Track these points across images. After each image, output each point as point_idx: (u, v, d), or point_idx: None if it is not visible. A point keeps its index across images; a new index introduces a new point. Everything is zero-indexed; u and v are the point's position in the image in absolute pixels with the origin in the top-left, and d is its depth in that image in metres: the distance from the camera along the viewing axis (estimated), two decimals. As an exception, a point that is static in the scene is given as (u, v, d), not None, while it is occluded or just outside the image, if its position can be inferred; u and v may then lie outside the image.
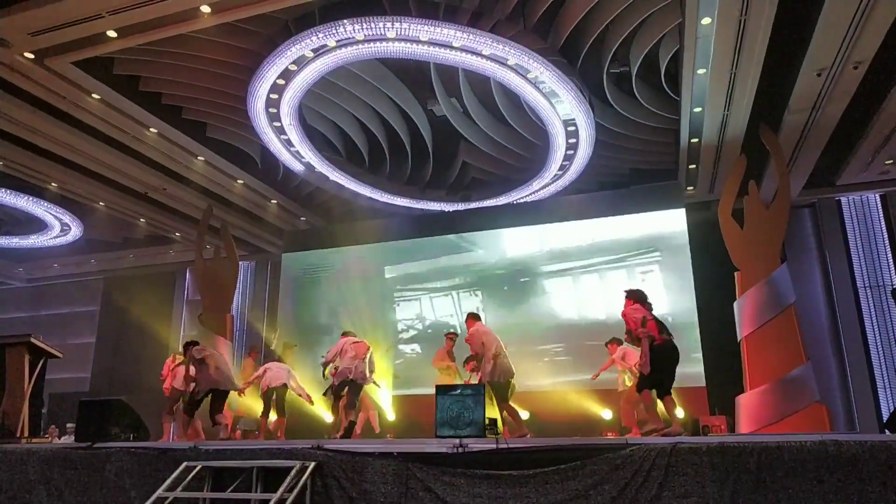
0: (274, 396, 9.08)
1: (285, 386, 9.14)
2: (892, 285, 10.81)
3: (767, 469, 3.89)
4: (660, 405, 6.14)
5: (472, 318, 7.64)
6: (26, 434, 7.51)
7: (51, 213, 13.14)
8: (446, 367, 9.40)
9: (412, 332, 12.41)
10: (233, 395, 8.38)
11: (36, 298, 17.23)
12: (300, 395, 9.31)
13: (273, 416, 9.25)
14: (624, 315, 6.21)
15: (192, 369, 7.71)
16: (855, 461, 3.80)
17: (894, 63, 7.97)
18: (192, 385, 7.75)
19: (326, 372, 8.11)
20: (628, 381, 8.26)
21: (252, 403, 9.89)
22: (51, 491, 5.57)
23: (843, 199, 11.63)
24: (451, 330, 10.42)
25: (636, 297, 6.28)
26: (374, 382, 8.85)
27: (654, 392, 5.91)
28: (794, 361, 8.26)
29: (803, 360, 8.31)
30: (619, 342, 8.30)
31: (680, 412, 9.31)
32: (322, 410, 10.15)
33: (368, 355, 8.07)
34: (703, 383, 9.77)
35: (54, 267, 16.28)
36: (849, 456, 3.81)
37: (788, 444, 3.94)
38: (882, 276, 11.08)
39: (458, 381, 8.88)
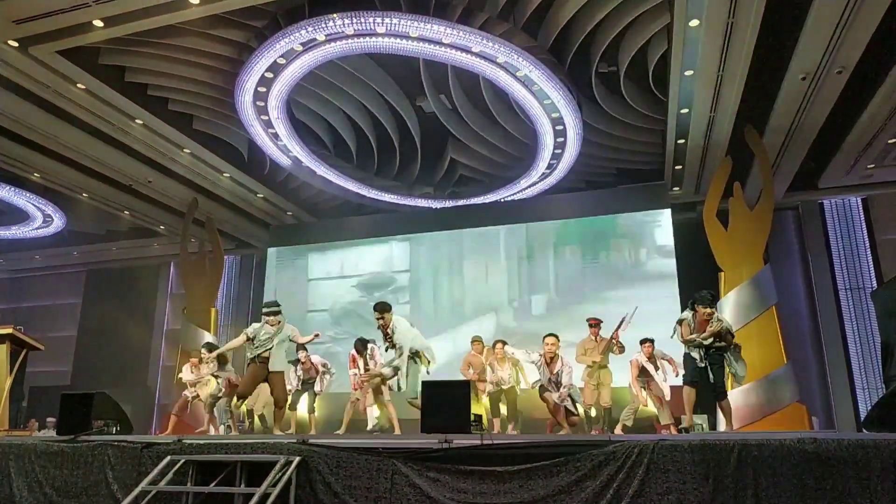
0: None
1: None
2: (873, 288, 10.97)
3: (747, 466, 3.95)
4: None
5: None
6: (6, 427, 7.43)
7: (33, 204, 12.96)
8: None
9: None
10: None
11: (17, 290, 17.01)
12: None
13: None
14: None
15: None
16: (832, 459, 3.87)
17: (876, 69, 8.09)
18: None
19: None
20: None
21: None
22: (31, 484, 5.50)
23: (826, 202, 11.78)
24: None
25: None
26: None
27: None
28: (775, 361, 8.38)
29: (784, 360, 8.43)
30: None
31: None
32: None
33: None
34: (684, 382, 9.84)
35: (36, 259, 16.06)
36: (826, 454, 3.88)
37: (768, 442, 3.99)
38: (862, 278, 11.24)
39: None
